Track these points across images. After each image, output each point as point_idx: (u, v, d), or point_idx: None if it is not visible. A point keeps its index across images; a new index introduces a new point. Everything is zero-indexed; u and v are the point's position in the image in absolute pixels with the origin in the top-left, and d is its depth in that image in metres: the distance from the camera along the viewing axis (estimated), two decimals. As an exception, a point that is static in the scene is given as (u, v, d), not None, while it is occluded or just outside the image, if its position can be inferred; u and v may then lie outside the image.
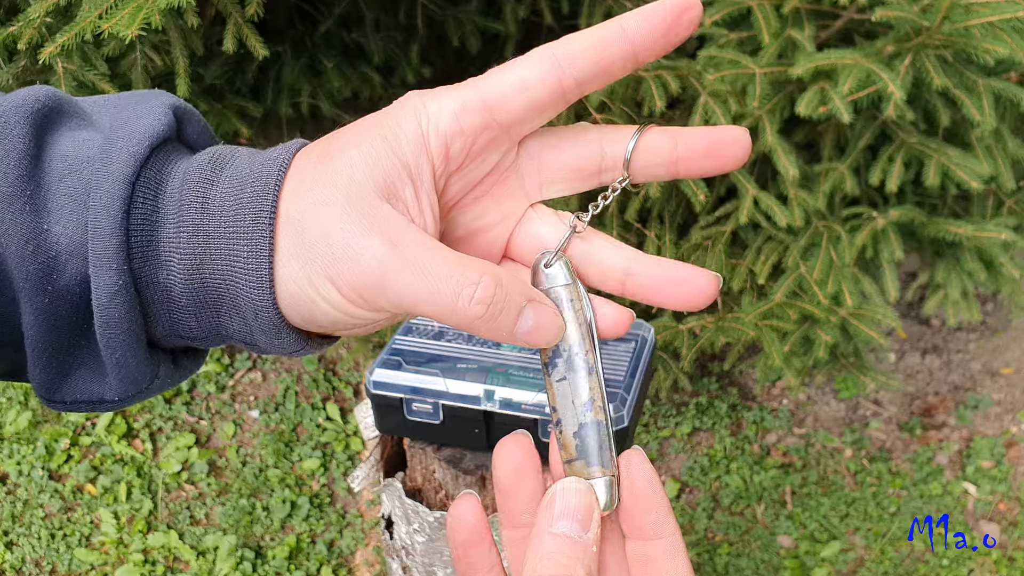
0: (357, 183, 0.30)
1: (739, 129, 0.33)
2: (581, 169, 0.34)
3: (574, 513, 0.32)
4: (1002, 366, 2.40)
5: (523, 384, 0.87)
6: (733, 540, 2.05)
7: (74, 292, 0.31)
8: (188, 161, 0.32)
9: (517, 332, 0.32)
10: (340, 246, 0.30)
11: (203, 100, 1.57)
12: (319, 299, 0.31)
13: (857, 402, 2.35)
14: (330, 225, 0.30)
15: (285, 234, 0.31)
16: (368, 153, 0.31)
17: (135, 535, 2.06)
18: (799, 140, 1.58)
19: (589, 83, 0.32)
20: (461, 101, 0.32)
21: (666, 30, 0.31)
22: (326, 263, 0.30)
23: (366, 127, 0.32)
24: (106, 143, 0.31)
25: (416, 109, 0.32)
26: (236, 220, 0.31)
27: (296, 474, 2.18)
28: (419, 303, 0.30)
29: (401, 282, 0.30)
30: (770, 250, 1.61)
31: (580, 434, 0.34)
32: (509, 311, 0.31)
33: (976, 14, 1.24)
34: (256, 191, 0.31)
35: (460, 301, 0.30)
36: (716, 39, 1.47)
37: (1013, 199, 1.65)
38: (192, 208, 0.31)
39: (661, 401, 2.32)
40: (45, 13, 1.31)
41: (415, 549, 1.02)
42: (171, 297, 0.32)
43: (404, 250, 0.30)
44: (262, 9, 1.33)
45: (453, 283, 0.30)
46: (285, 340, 0.33)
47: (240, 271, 0.31)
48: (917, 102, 1.46)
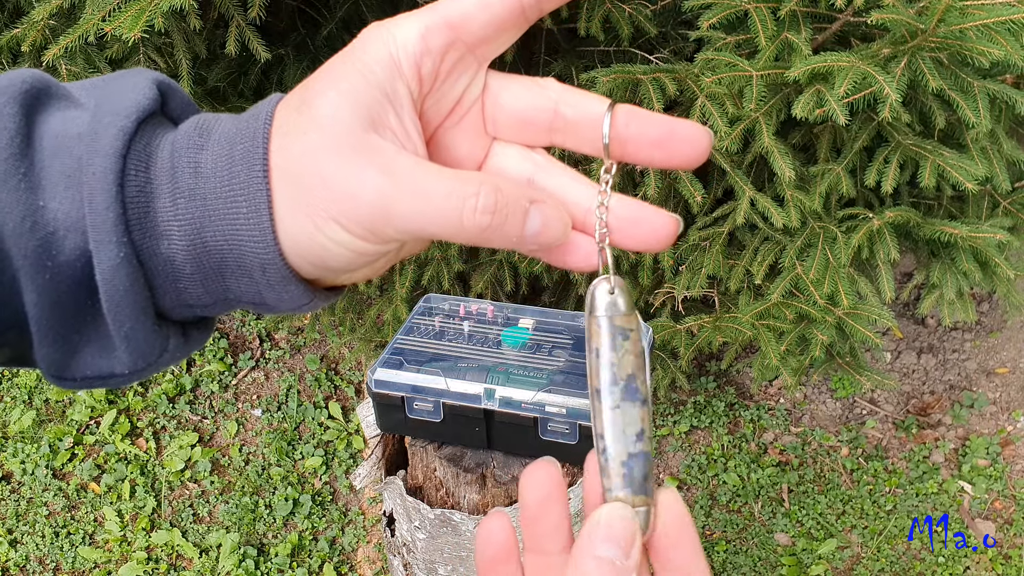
0: (342, 122, 0.31)
1: (701, 129, 0.33)
2: (532, 122, 0.35)
3: (619, 540, 0.32)
4: (997, 365, 2.41)
5: (523, 383, 0.89)
6: (731, 538, 2.06)
7: (75, 267, 0.32)
8: (175, 132, 0.33)
9: (527, 234, 0.32)
10: (339, 186, 0.30)
11: (206, 103, 1.58)
12: (328, 242, 0.31)
13: (853, 401, 2.37)
14: (325, 167, 0.30)
15: (280, 185, 0.31)
16: (347, 90, 0.31)
17: (138, 533, 2.07)
18: (796, 142, 1.59)
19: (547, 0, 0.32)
20: (425, 22, 0.32)
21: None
22: (327, 204, 0.31)
23: (337, 65, 0.32)
24: (94, 119, 0.32)
25: (383, 37, 0.32)
26: (230, 179, 0.31)
27: (298, 472, 2.19)
28: (426, 225, 0.31)
29: (405, 208, 0.30)
30: (767, 250, 1.62)
31: (628, 464, 0.34)
32: (515, 215, 0.31)
33: (971, 16, 1.25)
34: (245, 148, 0.32)
35: (465, 214, 0.31)
36: (713, 42, 1.48)
37: (1008, 200, 1.66)
38: (185, 175, 0.32)
39: (659, 400, 2.33)
40: (48, 15, 1.32)
41: (416, 546, 1.03)
42: (175, 266, 0.32)
43: (401, 177, 0.30)
44: (264, 12, 1.34)
45: (455, 199, 0.30)
46: (293, 293, 0.33)
47: (242, 229, 0.31)
48: (913, 104, 1.47)
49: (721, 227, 1.64)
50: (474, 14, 0.32)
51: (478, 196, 0.31)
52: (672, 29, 1.71)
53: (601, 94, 1.44)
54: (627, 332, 0.34)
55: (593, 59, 1.73)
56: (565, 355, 0.92)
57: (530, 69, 1.85)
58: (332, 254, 0.32)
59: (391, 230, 0.31)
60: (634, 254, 1.71)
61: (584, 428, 0.86)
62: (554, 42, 1.82)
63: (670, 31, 1.71)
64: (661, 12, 1.68)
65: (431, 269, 1.80)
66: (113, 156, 0.31)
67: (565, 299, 1.96)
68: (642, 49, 1.69)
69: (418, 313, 1.03)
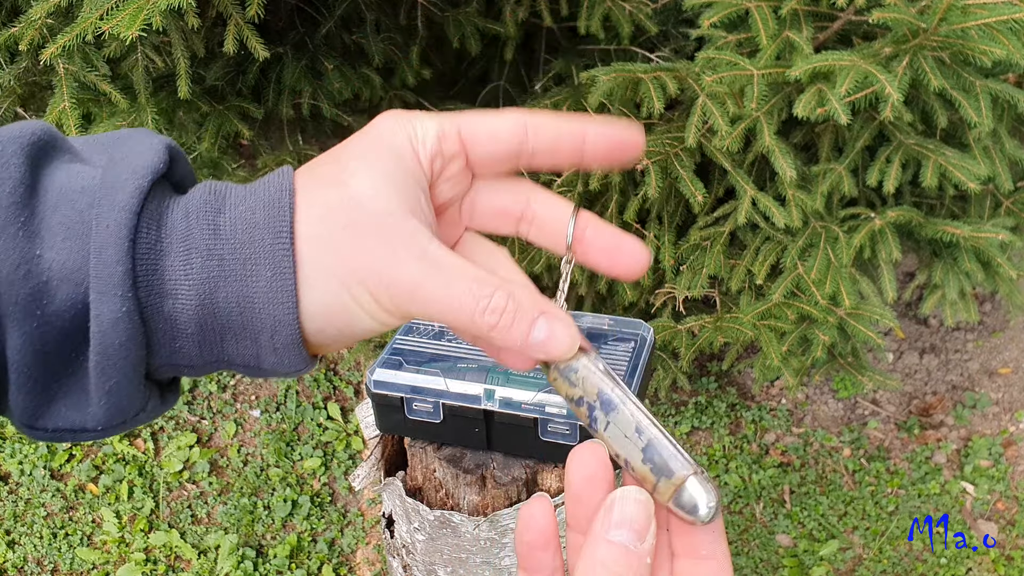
0: (385, 201, 0.33)
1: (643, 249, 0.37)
2: (508, 213, 0.38)
3: (632, 523, 0.32)
4: (1000, 366, 2.41)
5: (523, 383, 0.88)
6: (732, 539, 2.05)
7: (64, 318, 0.32)
8: (187, 196, 0.34)
9: (532, 341, 0.34)
10: (379, 262, 0.33)
11: (204, 101, 1.57)
12: (358, 309, 0.33)
13: (855, 401, 2.36)
14: (366, 242, 0.33)
15: (311, 252, 0.33)
16: (386, 172, 0.34)
17: (137, 534, 2.06)
18: (797, 141, 1.59)
19: (540, 157, 0.36)
20: (443, 126, 0.35)
21: (611, 152, 0.36)
22: (365, 275, 0.33)
23: (365, 147, 0.35)
24: (107, 174, 0.33)
25: (404, 128, 0.35)
26: (251, 242, 0.33)
27: (297, 473, 2.18)
28: (444, 312, 0.33)
29: (430, 295, 0.33)
30: (768, 250, 1.61)
31: (648, 457, 0.34)
32: (521, 321, 0.34)
33: (973, 16, 1.24)
34: (269, 215, 0.33)
35: (476, 312, 0.33)
36: (714, 41, 1.48)
37: (1011, 200, 1.66)
38: (204, 234, 0.33)
39: (660, 400, 2.33)
40: (46, 14, 1.31)
41: (416, 548, 1.03)
42: (176, 326, 0.33)
43: (432, 264, 0.33)
44: (263, 10, 1.33)
45: (471, 295, 0.33)
46: (295, 358, 0.34)
47: (260, 291, 0.33)
48: (915, 103, 1.46)
49: (722, 227, 1.63)
50: (484, 141, 0.36)
51: (491, 298, 0.33)
52: (673, 28, 1.70)
53: (601, 93, 1.44)
54: (574, 367, 0.35)
55: (593, 58, 1.72)
56: (565, 355, 0.92)
57: (531, 68, 1.84)
58: (358, 319, 0.34)
59: (414, 309, 0.34)
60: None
61: (585, 429, 0.86)
62: (554, 41, 1.81)
63: (671, 30, 1.70)
64: (662, 10, 1.68)
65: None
66: (128, 212, 0.32)
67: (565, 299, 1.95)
68: (643, 48, 1.69)
69: (417, 313, 1.02)
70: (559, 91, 1.66)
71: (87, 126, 1.49)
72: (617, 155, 0.36)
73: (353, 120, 1.74)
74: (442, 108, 1.76)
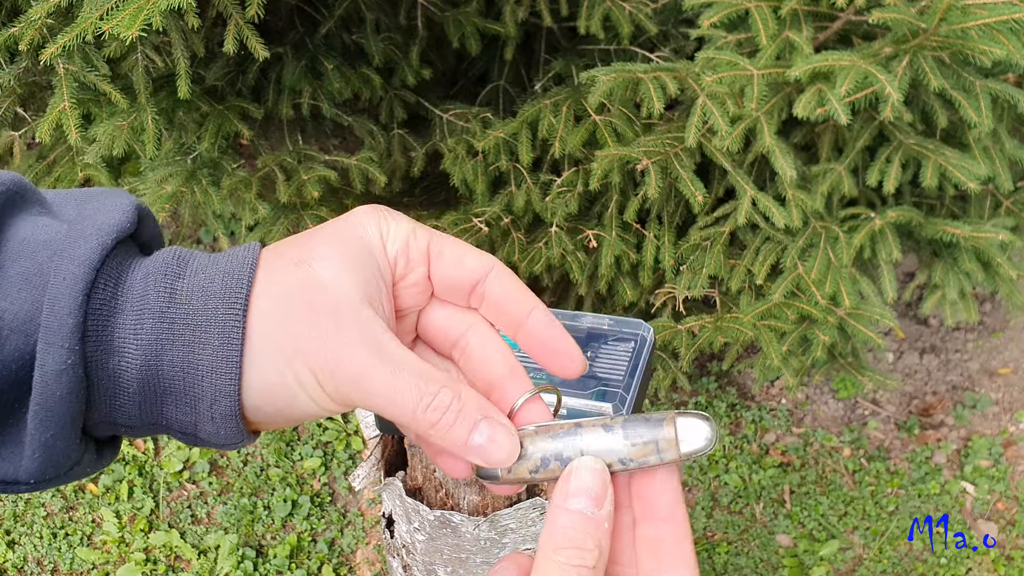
0: (344, 290, 0.34)
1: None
2: (446, 336, 0.39)
3: (588, 490, 0.33)
4: (1000, 366, 2.41)
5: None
6: (732, 539, 2.05)
7: (10, 369, 0.32)
8: (149, 258, 0.34)
9: (470, 444, 0.34)
10: (329, 347, 0.33)
11: (204, 101, 1.57)
12: (300, 391, 0.33)
13: (855, 401, 2.36)
14: (319, 325, 0.33)
15: (263, 327, 0.33)
16: (350, 260, 0.34)
17: (136, 534, 2.06)
18: (797, 141, 1.59)
19: (485, 308, 0.37)
20: (415, 232, 0.36)
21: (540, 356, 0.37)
22: (311, 358, 0.33)
23: (337, 233, 0.35)
24: (72, 229, 0.33)
25: (378, 223, 0.36)
26: (204, 310, 0.33)
27: (297, 473, 2.18)
28: (387, 404, 0.33)
29: (374, 383, 0.33)
30: (768, 250, 1.61)
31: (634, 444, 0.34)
32: (463, 423, 0.34)
33: (973, 16, 1.24)
34: (227, 286, 0.33)
35: (419, 409, 0.33)
36: (714, 41, 1.48)
37: (1011, 200, 1.66)
38: (160, 297, 0.33)
39: (660, 400, 2.33)
40: (46, 14, 1.31)
41: (416, 548, 1.03)
42: (119, 383, 0.33)
43: (380, 354, 0.33)
44: (262, 10, 1.33)
45: (416, 390, 0.33)
46: (232, 430, 0.34)
47: (205, 358, 0.32)
48: (915, 103, 1.46)
49: (722, 227, 1.63)
50: (447, 261, 0.37)
51: (435, 395, 0.33)
52: (673, 28, 1.70)
53: (601, 93, 1.44)
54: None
55: (593, 58, 1.72)
56: (565, 355, 0.92)
57: (531, 68, 1.84)
58: (298, 401, 0.34)
59: (356, 397, 0.33)
60: (635, 254, 1.71)
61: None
62: (554, 40, 1.81)
63: (671, 30, 1.70)
64: (662, 10, 1.68)
65: (431, 269, 1.79)
66: (87, 266, 0.32)
67: (565, 299, 1.95)
68: (643, 48, 1.69)
69: (417, 313, 1.02)
70: (559, 91, 1.66)
71: (87, 126, 1.50)
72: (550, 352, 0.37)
73: (353, 120, 1.74)
74: (443, 108, 1.76)
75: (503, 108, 1.80)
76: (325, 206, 1.68)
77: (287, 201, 1.61)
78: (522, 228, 1.73)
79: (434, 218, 1.70)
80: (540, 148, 1.65)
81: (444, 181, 1.82)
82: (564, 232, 1.69)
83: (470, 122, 1.71)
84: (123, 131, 1.47)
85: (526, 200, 1.68)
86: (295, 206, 1.66)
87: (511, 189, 1.69)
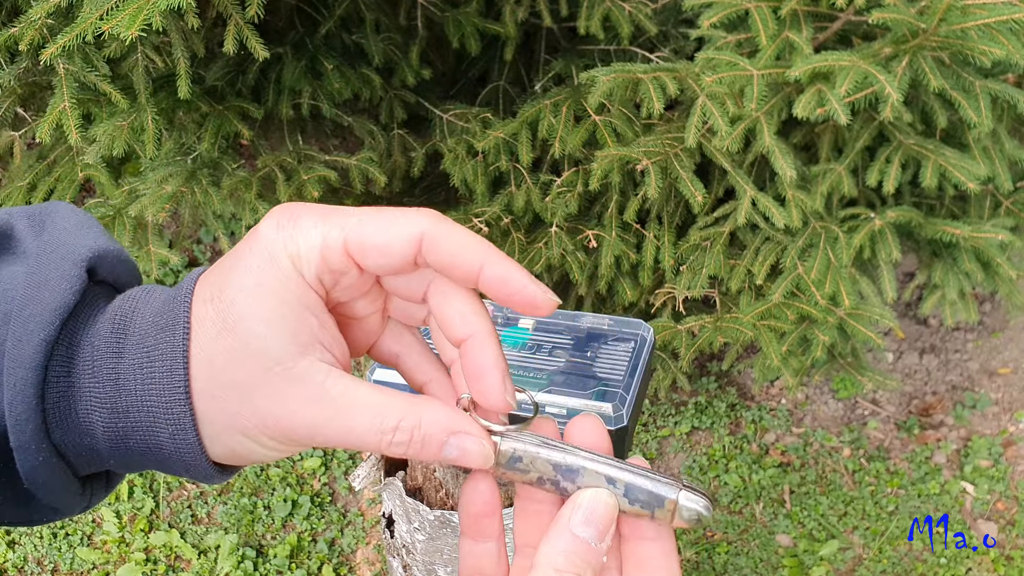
0: (274, 349, 0.32)
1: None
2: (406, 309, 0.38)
3: (598, 523, 0.34)
4: (1000, 366, 2.41)
5: (523, 383, 0.88)
6: (732, 539, 2.06)
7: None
8: (95, 328, 0.34)
9: (444, 459, 0.35)
10: (274, 414, 0.33)
11: (204, 101, 1.57)
12: (263, 450, 0.34)
13: (855, 401, 2.36)
14: (256, 398, 0.33)
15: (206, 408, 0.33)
16: (272, 307, 0.33)
17: (137, 534, 2.06)
18: (797, 141, 1.59)
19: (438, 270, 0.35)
20: (327, 240, 0.33)
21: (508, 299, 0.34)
22: (261, 428, 0.33)
23: (254, 271, 0.33)
24: (17, 325, 0.33)
25: (287, 245, 0.33)
26: (150, 397, 0.33)
27: (297, 473, 2.18)
28: (352, 444, 0.34)
29: (331, 433, 0.33)
30: (768, 251, 1.61)
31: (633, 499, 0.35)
32: (430, 446, 0.34)
33: (973, 16, 1.25)
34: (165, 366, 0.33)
35: (383, 444, 0.34)
36: (714, 41, 1.48)
37: (1010, 200, 1.66)
38: (107, 387, 0.33)
39: (660, 400, 2.33)
40: (46, 14, 1.31)
41: (416, 548, 1.03)
42: (98, 455, 0.34)
43: (329, 404, 0.33)
44: (262, 11, 1.33)
45: (375, 430, 0.33)
46: (214, 479, 0.35)
47: (166, 442, 0.33)
48: (914, 103, 1.46)
49: (722, 227, 1.63)
50: (371, 255, 0.34)
51: (395, 431, 0.33)
52: (673, 28, 1.70)
53: (601, 93, 1.44)
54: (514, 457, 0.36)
55: (593, 58, 1.72)
56: (565, 355, 0.92)
57: (530, 68, 1.84)
58: (267, 455, 0.35)
59: (317, 443, 0.34)
60: (635, 254, 1.71)
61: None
62: (554, 41, 1.81)
63: (671, 30, 1.70)
64: (661, 11, 1.68)
65: (431, 269, 1.79)
66: (34, 369, 0.32)
67: (565, 299, 1.95)
68: (643, 48, 1.69)
69: (417, 313, 1.02)
70: (559, 91, 1.66)
71: (87, 126, 1.50)
72: (515, 304, 0.35)
73: (353, 120, 1.74)
74: (443, 108, 1.76)
75: (503, 108, 1.80)
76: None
77: (287, 201, 1.61)
78: (522, 228, 1.74)
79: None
80: (540, 148, 1.65)
81: (444, 181, 1.82)
82: (564, 232, 1.69)
83: (470, 122, 1.71)
84: (123, 131, 1.47)
85: (526, 200, 1.68)
86: (295, 206, 1.66)
87: (511, 189, 1.69)
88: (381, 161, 1.72)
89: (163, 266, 2.64)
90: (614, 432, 0.84)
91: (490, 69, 1.84)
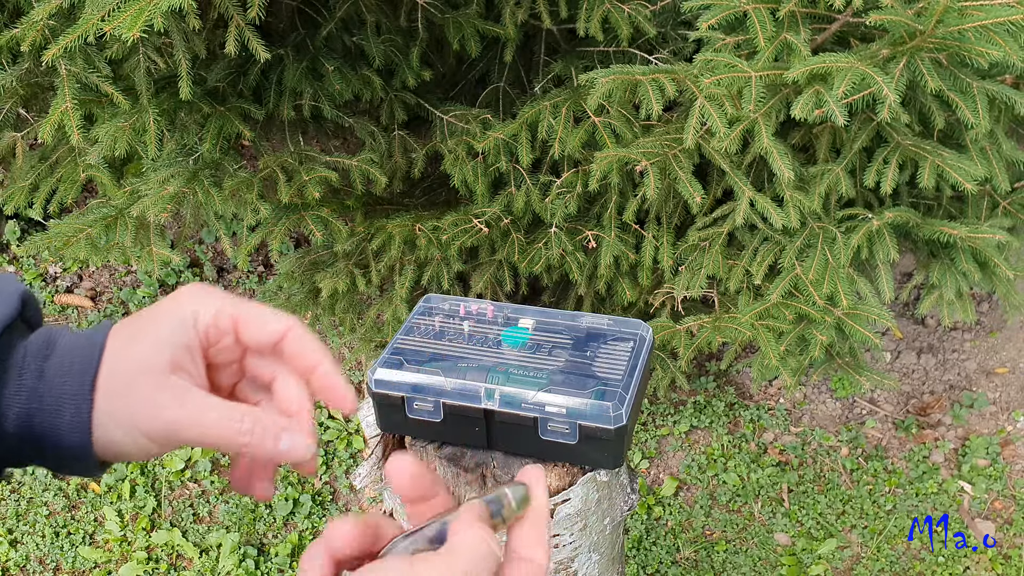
0: (155, 366, 0.44)
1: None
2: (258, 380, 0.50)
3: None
4: (997, 365, 2.42)
5: (523, 383, 0.89)
6: (730, 537, 2.06)
7: None
8: (28, 339, 0.45)
9: (280, 451, 0.46)
10: (144, 413, 0.44)
11: (205, 102, 1.58)
12: (134, 447, 0.44)
13: (853, 401, 2.37)
14: (137, 399, 0.44)
15: (103, 402, 0.43)
16: (164, 336, 0.45)
17: (138, 533, 2.07)
18: (795, 142, 1.60)
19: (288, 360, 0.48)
20: (224, 308, 0.47)
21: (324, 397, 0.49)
22: (135, 423, 0.44)
23: (164, 311, 0.46)
24: None
25: (195, 302, 0.46)
26: (63, 386, 0.43)
27: (298, 472, 2.19)
28: (207, 440, 0.45)
29: (190, 431, 0.44)
30: (766, 251, 1.62)
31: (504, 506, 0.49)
32: (268, 437, 0.46)
33: (970, 17, 1.25)
34: (82, 369, 0.43)
35: (232, 433, 0.44)
36: (712, 42, 1.48)
37: (1008, 200, 1.66)
38: (31, 375, 0.43)
39: (659, 400, 2.34)
40: (48, 15, 1.32)
41: (416, 546, 1.03)
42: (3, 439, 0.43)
43: (187, 405, 0.44)
44: (263, 12, 1.34)
45: (227, 423, 0.45)
46: (93, 471, 0.45)
47: (65, 428, 0.43)
48: (912, 104, 1.47)
49: (720, 227, 1.64)
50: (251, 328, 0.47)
51: (241, 422, 0.45)
52: (671, 30, 1.71)
53: (600, 94, 1.44)
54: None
55: (592, 59, 1.73)
56: (565, 355, 0.93)
57: (530, 69, 1.85)
58: (135, 454, 0.45)
59: (181, 441, 0.45)
60: (634, 254, 1.72)
61: (584, 428, 0.86)
62: (553, 42, 1.82)
63: (669, 32, 1.71)
64: (660, 12, 1.68)
65: (431, 269, 1.80)
66: None
67: (565, 299, 1.96)
68: (641, 50, 1.70)
69: (418, 313, 1.03)
70: (558, 92, 1.67)
71: (89, 127, 1.50)
72: (330, 398, 0.48)
73: (354, 121, 1.75)
74: (443, 110, 1.77)
75: (503, 109, 1.81)
76: (326, 206, 1.69)
77: (288, 202, 1.62)
78: (522, 228, 1.74)
79: (435, 219, 1.71)
80: (540, 149, 1.65)
81: (444, 182, 1.83)
82: (563, 232, 1.70)
83: (470, 123, 1.72)
84: (125, 132, 1.48)
85: (526, 201, 1.69)
86: (296, 207, 1.67)
87: (511, 190, 1.70)
88: (382, 162, 1.73)
89: (165, 266, 2.65)
90: (614, 431, 0.85)
91: (490, 70, 1.85)
